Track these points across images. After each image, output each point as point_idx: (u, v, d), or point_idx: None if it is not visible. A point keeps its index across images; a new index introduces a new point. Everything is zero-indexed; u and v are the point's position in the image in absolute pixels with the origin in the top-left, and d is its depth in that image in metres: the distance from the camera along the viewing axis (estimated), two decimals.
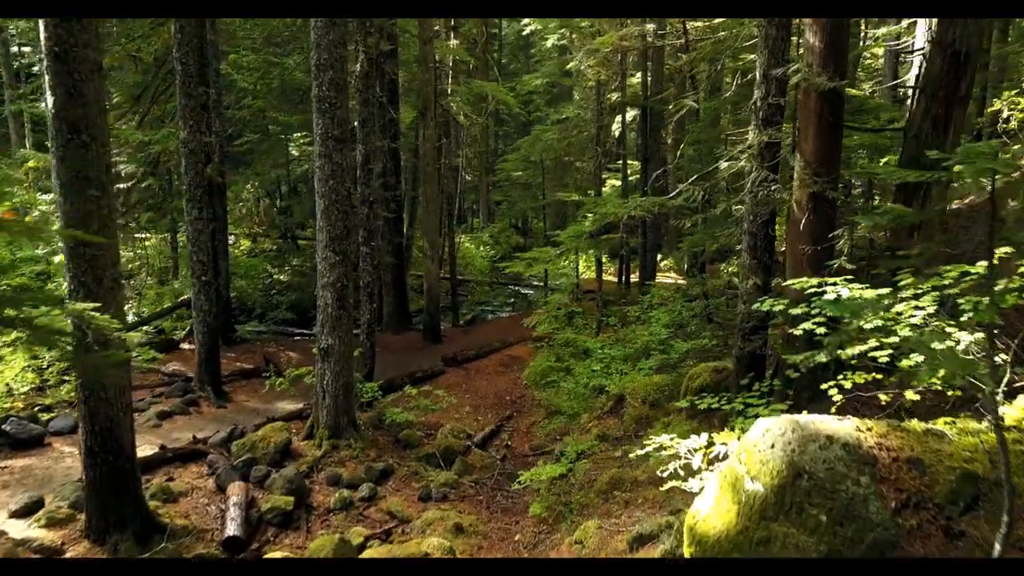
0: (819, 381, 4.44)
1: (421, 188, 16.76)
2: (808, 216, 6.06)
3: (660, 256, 19.32)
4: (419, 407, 10.30)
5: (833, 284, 3.78)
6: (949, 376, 3.18)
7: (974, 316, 3.12)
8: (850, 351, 3.69)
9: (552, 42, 22.55)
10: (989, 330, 3.13)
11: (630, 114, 19.70)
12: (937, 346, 3.12)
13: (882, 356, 3.58)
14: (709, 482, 3.86)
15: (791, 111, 7.41)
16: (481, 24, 22.77)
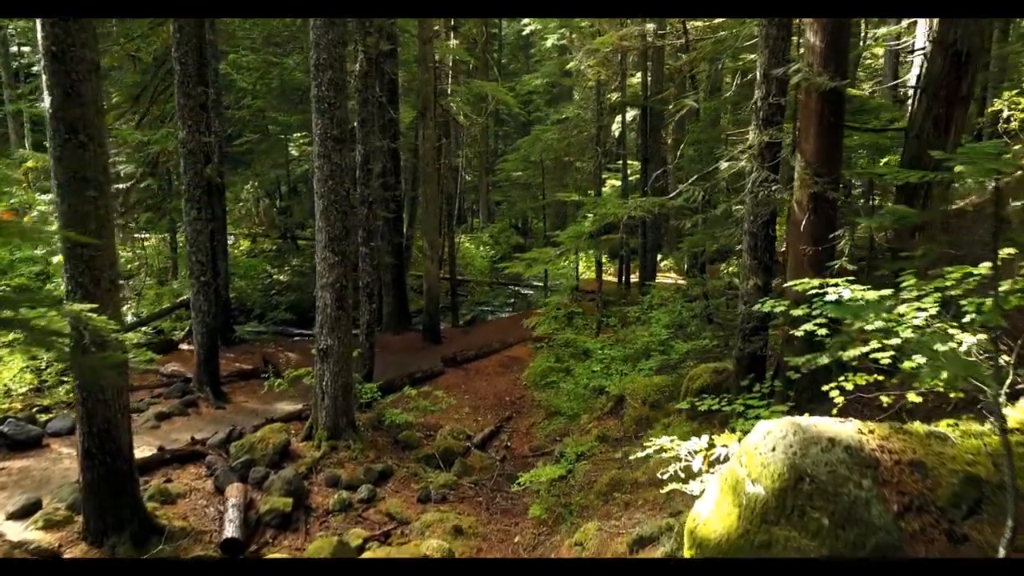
0: (820, 383, 4.41)
1: (421, 188, 16.72)
2: (809, 216, 6.03)
3: (660, 256, 19.28)
4: (418, 408, 10.27)
5: (834, 285, 3.76)
6: (952, 378, 3.15)
7: (977, 318, 3.10)
8: (851, 352, 3.67)
9: (552, 42, 22.51)
10: (992, 332, 3.10)
11: (630, 114, 19.67)
12: (939, 348, 3.10)
13: (884, 358, 3.56)
14: (710, 485, 3.82)
15: (792, 111, 7.38)
16: (481, 24, 22.75)
